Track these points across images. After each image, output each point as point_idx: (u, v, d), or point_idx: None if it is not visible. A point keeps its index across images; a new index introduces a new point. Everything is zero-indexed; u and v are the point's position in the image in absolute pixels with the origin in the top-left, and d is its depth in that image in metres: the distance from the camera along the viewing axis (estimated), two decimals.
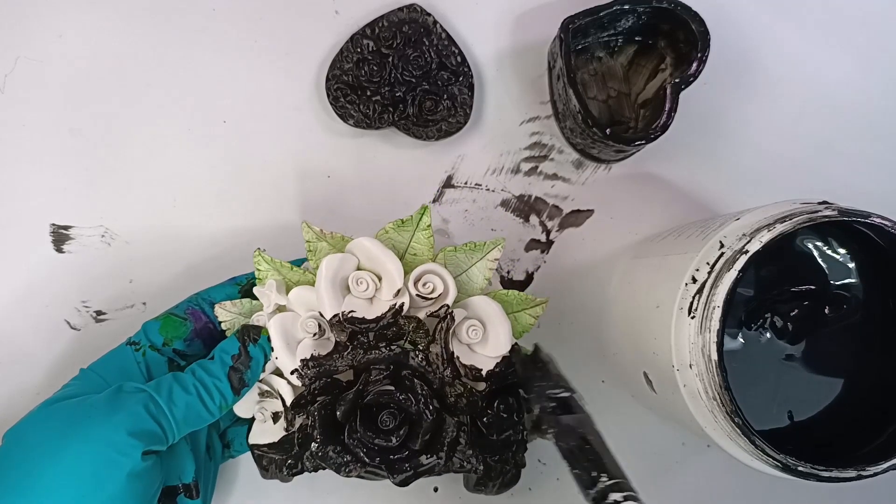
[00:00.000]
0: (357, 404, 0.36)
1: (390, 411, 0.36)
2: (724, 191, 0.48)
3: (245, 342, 0.38)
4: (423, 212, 0.38)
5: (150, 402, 0.35)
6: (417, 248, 0.38)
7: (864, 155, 0.48)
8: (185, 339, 0.40)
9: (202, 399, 0.36)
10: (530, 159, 0.48)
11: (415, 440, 0.36)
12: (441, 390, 0.37)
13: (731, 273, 0.32)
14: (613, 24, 0.46)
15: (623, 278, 0.45)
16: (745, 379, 0.35)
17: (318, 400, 0.37)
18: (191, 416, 0.36)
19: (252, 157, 0.48)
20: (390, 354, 0.37)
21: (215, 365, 0.37)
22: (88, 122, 0.47)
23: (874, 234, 0.35)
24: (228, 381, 0.37)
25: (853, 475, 0.31)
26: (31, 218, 0.46)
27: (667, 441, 0.47)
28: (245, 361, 0.37)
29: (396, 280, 0.36)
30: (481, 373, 0.37)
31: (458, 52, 0.47)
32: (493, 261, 0.38)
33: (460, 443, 0.36)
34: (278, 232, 0.47)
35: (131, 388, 0.36)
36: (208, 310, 0.41)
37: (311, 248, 0.38)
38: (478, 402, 0.37)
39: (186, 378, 0.37)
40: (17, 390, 0.45)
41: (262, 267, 0.39)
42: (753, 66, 0.49)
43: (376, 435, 0.36)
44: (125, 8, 0.48)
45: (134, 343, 0.40)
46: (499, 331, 0.37)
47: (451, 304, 0.37)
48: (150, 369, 0.39)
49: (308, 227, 0.38)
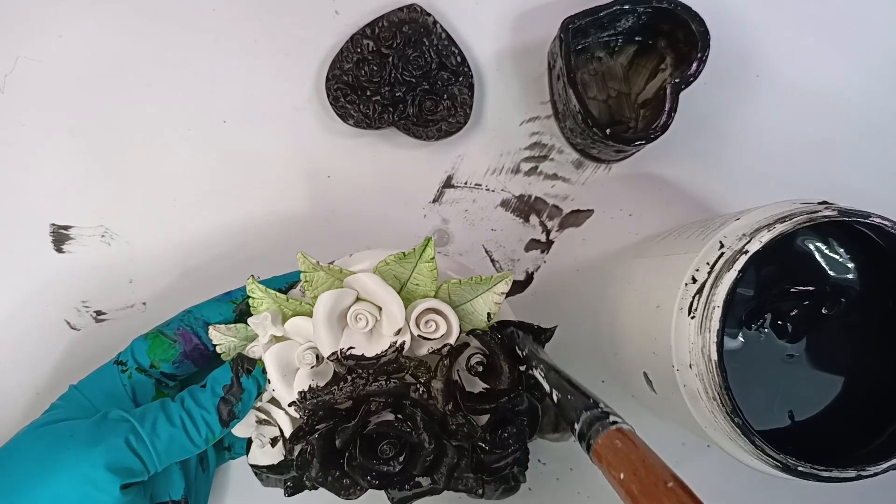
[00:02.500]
0: (357, 433, 0.36)
1: (390, 441, 0.35)
2: (724, 191, 0.48)
3: (238, 373, 0.37)
4: (427, 244, 0.36)
5: (131, 434, 0.34)
6: (420, 280, 0.37)
7: (864, 155, 0.48)
8: (174, 362, 0.39)
9: (187, 432, 0.35)
10: (530, 159, 0.48)
11: (415, 465, 0.36)
12: (442, 419, 0.36)
13: (731, 273, 0.32)
14: (613, 24, 0.46)
15: (623, 278, 0.45)
16: (745, 379, 0.35)
17: (317, 429, 0.36)
18: (174, 448, 0.35)
19: (252, 157, 0.48)
20: (391, 387, 0.36)
21: (205, 395, 0.36)
22: (88, 122, 0.47)
23: (874, 234, 0.34)
24: (217, 414, 0.36)
25: (853, 475, 0.31)
26: (31, 218, 0.46)
27: (667, 441, 0.47)
28: (237, 393, 0.36)
29: (398, 319, 0.35)
30: (484, 407, 0.36)
31: (458, 52, 0.47)
32: (500, 294, 0.37)
33: (461, 466, 0.36)
34: (278, 232, 0.47)
35: (116, 416, 0.35)
36: (200, 330, 0.39)
37: (308, 278, 0.36)
38: (478, 433, 0.36)
39: (173, 409, 0.36)
40: (17, 390, 0.46)
41: (255, 295, 0.37)
42: (753, 66, 0.49)
43: (376, 462, 0.35)
44: (125, 8, 0.48)
45: (121, 363, 0.39)
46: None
47: (454, 343, 0.36)
48: (136, 392, 0.39)
49: (304, 258, 0.36)
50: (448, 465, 0.36)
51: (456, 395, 0.36)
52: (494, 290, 0.36)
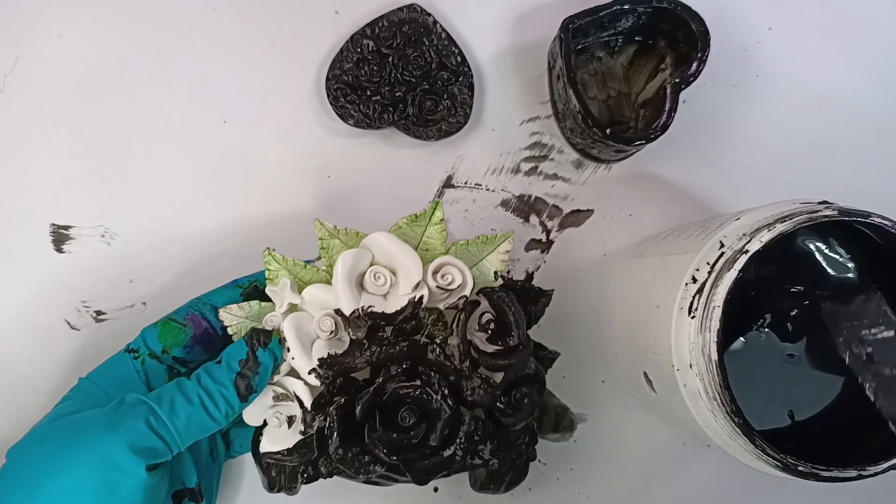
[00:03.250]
0: (375, 402, 0.36)
1: (409, 407, 0.36)
2: (724, 191, 0.48)
3: (253, 346, 0.36)
4: (436, 206, 0.38)
5: (150, 415, 0.34)
6: (430, 243, 0.39)
7: (864, 155, 0.48)
8: (185, 346, 0.39)
9: (206, 409, 0.35)
10: (530, 159, 0.48)
11: (433, 436, 0.36)
12: (458, 383, 0.37)
13: (731, 273, 0.32)
14: (613, 24, 0.46)
15: (623, 278, 0.45)
16: (745, 379, 0.35)
17: (335, 400, 0.36)
18: (194, 426, 0.35)
19: (252, 156, 0.48)
20: (408, 349, 0.36)
21: (221, 371, 0.36)
22: (88, 122, 0.47)
23: (874, 234, 0.34)
24: (235, 388, 0.36)
25: (853, 475, 0.31)
26: (31, 218, 0.46)
27: (667, 441, 0.47)
28: (253, 367, 0.36)
29: (414, 273, 0.36)
30: (500, 363, 0.37)
31: (458, 52, 0.47)
32: (505, 253, 0.39)
33: (478, 435, 0.36)
34: (278, 232, 0.47)
35: (133, 399, 0.35)
36: (209, 314, 0.40)
37: (325, 245, 0.38)
38: (495, 393, 0.36)
39: (190, 387, 0.35)
40: (18, 390, 0.46)
41: (272, 266, 0.38)
42: (753, 66, 0.49)
43: (395, 432, 0.35)
44: (125, 8, 0.48)
45: (133, 351, 0.39)
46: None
47: (469, 295, 0.37)
48: (150, 378, 0.39)
49: (321, 224, 0.37)
50: (466, 433, 0.36)
51: (471, 353, 0.36)
52: (499, 249, 0.39)
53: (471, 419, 0.36)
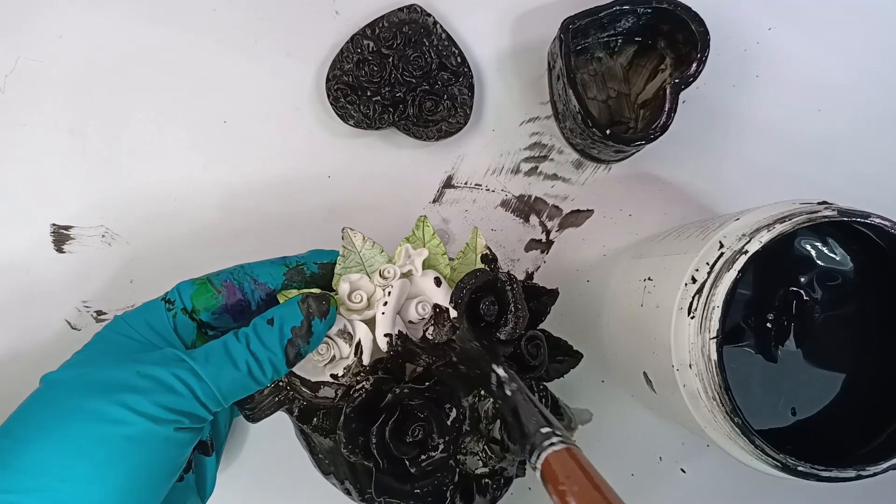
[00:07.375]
0: (401, 399, 0.36)
1: (420, 424, 0.36)
2: (724, 191, 0.48)
3: (310, 316, 0.35)
4: (424, 223, 0.40)
5: (191, 375, 0.33)
6: (434, 259, 0.40)
7: (864, 155, 0.48)
8: (214, 312, 0.38)
9: (252, 375, 0.34)
10: (530, 159, 0.48)
11: (423, 462, 0.36)
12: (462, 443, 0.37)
13: (731, 273, 0.32)
14: (613, 25, 0.46)
15: (623, 278, 0.45)
16: (745, 379, 0.35)
17: (382, 376, 0.36)
18: (236, 390, 0.34)
19: (252, 157, 0.48)
20: (452, 375, 0.37)
21: (273, 335, 0.34)
22: (88, 122, 0.47)
23: (874, 234, 0.35)
24: (285, 355, 0.34)
25: (853, 475, 0.31)
26: (31, 218, 0.47)
27: (667, 441, 0.47)
28: (305, 336, 0.35)
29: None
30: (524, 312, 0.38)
31: (458, 52, 0.47)
32: (484, 246, 0.40)
33: (446, 488, 0.37)
34: (278, 231, 0.47)
35: (172, 356, 0.34)
36: (247, 286, 0.38)
37: (349, 254, 0.39)
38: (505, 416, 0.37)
39: (239, 352, 0.34)
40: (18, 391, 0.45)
41: (351, 249, 0.39)
42: (753, 67, 0.49)
43: (398, 437, 0.36)
44: (125, 8, 0.48)
45: (168, 301, 0.38)
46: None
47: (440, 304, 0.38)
48: (179, 329, 0.37)
49: (349, 234, 0.38)
50: (441, 482, 0.37)
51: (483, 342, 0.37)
52: (478, 247, 0.40)
53: (454, 475, 0.37)
